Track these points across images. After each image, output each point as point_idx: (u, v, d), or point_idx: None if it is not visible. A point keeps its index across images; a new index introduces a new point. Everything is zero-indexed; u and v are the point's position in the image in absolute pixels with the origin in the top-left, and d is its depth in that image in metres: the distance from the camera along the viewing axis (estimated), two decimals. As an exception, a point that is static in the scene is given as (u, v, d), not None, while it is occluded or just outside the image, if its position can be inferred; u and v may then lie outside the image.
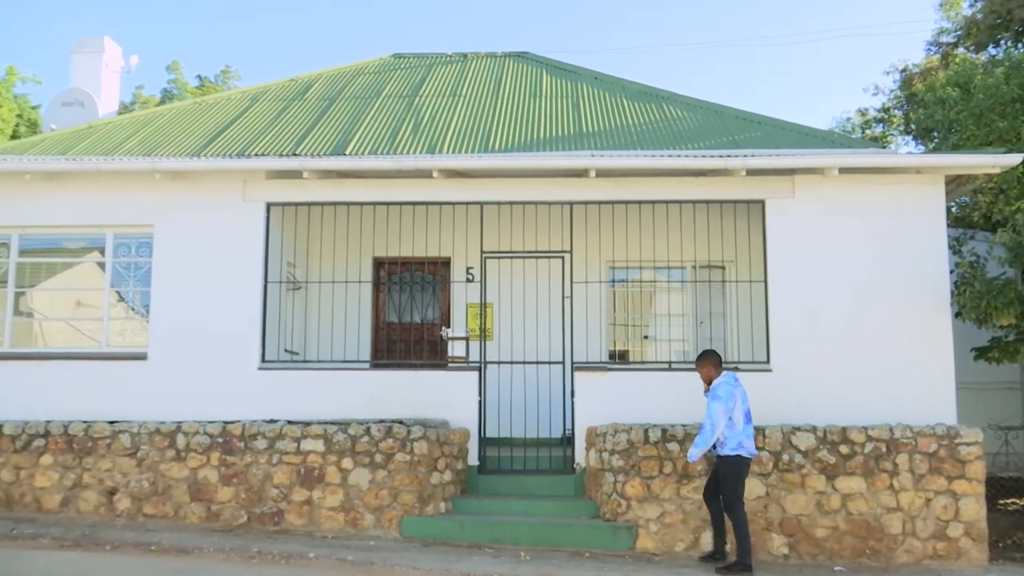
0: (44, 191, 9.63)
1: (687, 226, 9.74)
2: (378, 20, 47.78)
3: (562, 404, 9.37)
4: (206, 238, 9.43)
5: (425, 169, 9.19)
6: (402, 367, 10.22)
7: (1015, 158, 8.72)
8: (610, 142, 10.35)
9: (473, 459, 9.01)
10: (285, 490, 8.31)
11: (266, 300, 9.37)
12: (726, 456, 7.35)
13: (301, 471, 8.32)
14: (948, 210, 10.12)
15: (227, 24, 45.74)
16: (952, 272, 9.69)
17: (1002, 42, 14.90)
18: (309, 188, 9.49)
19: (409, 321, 11.38)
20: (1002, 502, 10.96)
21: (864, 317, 8.89)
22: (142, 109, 21.12)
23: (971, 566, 7.79)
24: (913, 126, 15.48)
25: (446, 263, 11.13)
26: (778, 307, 9.02)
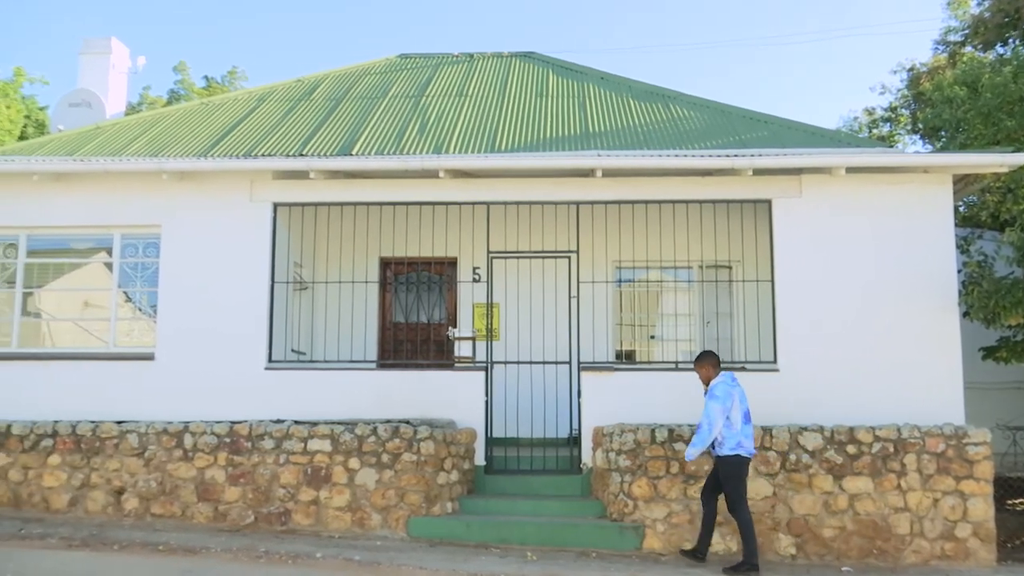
0: (52, 192, 9.66)
1: (694, 226, 9.72)
2: (384, 20, 47.90)
3: (569, 404, 9.38)
4: (213, 238, 9.45)
5: (431, 169, 9.19)
6: (409, 367, 10.24)
7: (1023, 157, 8.70)
8: (617, 142, 10.33)
9: (480, 459, 9.02)
10: (292, 490, 8.33)
11: (273, 300, 9.38)
12: (725, 456, 7.33)
13: (308, 471, 8.34)
14: (956, 209, 10.09)
15: (233, 25, 45.91)
16: (960, 272, 9.65)
17: (1010, 41, 14.83)
18: (316, 188, 9.51)
19: (416, 321, 11.39)
20: (1010, 502, 10.90)
21: (871, 317, 8.87)
22: (149, 110, 21.20)
23: (979, 566, 7.76)
24: (920, 125, 15.42)
25: (453, 263, 11.14)
26: (785, 307, 9.00)
